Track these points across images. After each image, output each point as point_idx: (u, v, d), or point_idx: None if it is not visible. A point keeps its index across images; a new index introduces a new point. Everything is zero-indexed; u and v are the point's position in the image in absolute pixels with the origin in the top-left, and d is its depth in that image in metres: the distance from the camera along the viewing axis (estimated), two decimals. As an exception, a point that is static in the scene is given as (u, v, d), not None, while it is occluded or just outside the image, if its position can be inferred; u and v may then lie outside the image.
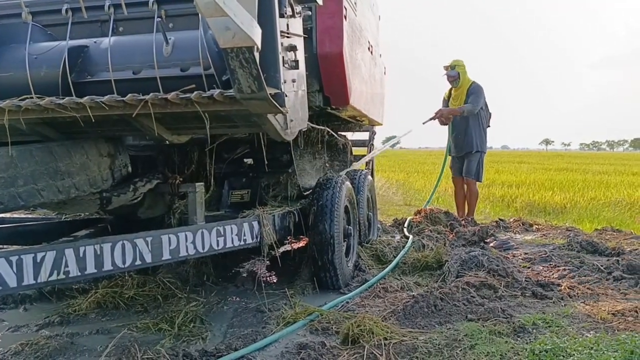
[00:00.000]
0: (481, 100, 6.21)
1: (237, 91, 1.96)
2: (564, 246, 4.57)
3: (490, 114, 6.48)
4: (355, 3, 4.28)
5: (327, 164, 4.71)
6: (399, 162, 26.12)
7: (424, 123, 6.52)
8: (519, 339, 2.53)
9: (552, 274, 3.78)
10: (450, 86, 6.50)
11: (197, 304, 3.08)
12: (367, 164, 6.36)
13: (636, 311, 2.84)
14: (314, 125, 3.50)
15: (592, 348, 2.30)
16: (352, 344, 2.49)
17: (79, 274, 2.16)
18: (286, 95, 2.24)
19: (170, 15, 2.56)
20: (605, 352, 2.25)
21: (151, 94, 2.07)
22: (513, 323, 2.68)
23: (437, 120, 6.48)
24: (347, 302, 3.21)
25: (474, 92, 6.20)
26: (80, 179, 2.54)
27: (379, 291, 3.41)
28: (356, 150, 6.09)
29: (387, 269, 3.89)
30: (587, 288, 3.36)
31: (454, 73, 6.32)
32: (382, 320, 2.72)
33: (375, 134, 6.63)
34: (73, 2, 2.55)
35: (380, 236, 5.16)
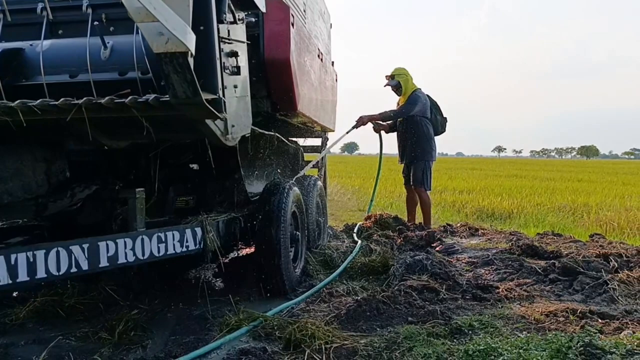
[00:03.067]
0: (412, 108, 6.11)
1: (172, 96, 1.96)
2: (506, 250, 4.71)
3: (445, 118, 6.48)
4: (304, 11, 4.32)
5: (277, 170, 4.71)
6: (355, 169, 26.35)
7: (347, 132, 6.29)
8: (455, 340, 2.61)
9: (492, 277, 3.90)
10: None
11: (139, 311, 3.02)
12: (319, 169, 6.39)
13: (567, 311, 2.97)
14: (262, 131, 3.50)
15: (522, 348, 2.39)
16: (294, 349, 2.50)
17: (10, 282, 2.10)
18: (225, 101, 2.24)
19: (111, 19, 2.52)
20: (534, 351, 2.34)
21: (84, 98, 2.04)
22: (451, 325, 2.75)
23: (369, 127, 6.43)
24: (293, 308, 3.22)
25: (409, 100, 6.17)
26: (13, 185, 2.48)
27: (325, 296, 3.43)
28: (308, 156, 6.12)
29: (334, 274, 3.92)
30: (524, 290, 3.48)
31: (394, 82, 6.31)
32: (325, 325, 2.73)
33: (327, 140, 6.67)
34: (11, 3, 2.49)
35: (330, 241, 5.20)
